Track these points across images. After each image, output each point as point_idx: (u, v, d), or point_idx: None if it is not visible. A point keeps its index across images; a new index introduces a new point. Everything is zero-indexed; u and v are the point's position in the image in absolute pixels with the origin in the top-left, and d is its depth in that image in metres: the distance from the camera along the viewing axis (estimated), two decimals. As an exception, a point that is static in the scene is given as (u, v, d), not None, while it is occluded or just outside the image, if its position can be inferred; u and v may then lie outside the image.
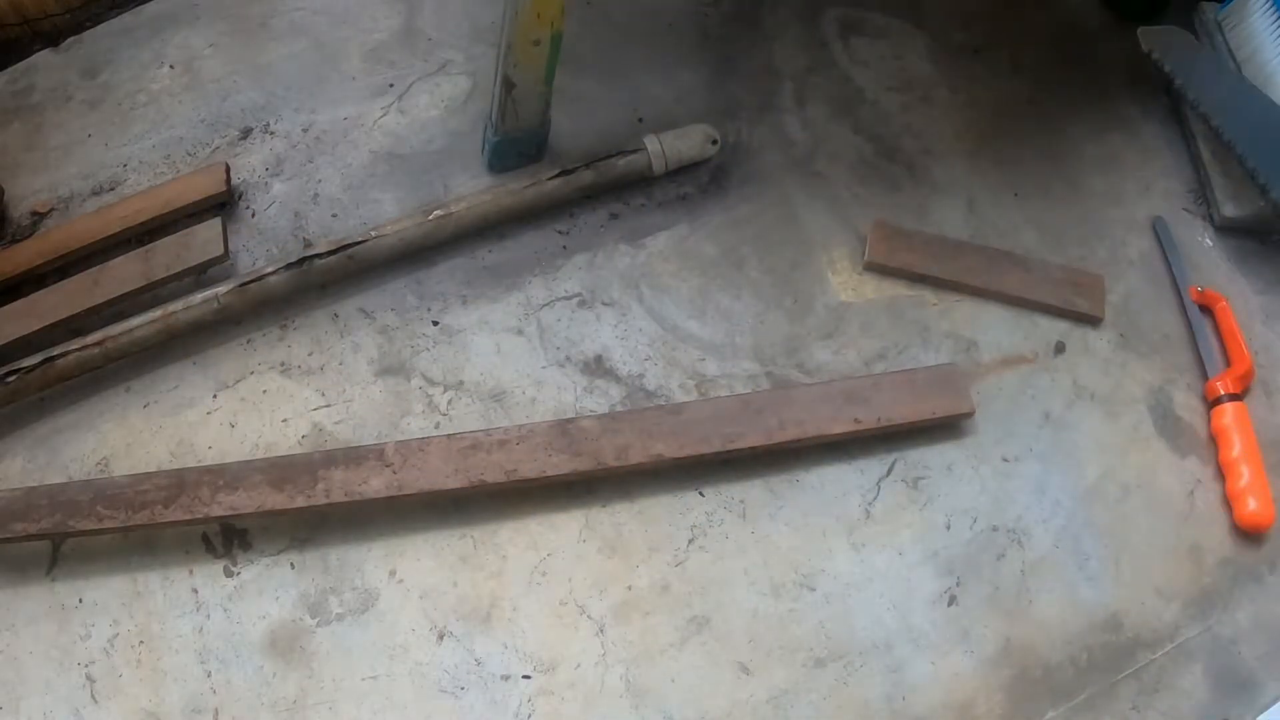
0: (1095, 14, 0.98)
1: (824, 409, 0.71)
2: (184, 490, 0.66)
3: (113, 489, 0.66)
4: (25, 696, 0.63)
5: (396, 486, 0.66)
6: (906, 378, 0.74)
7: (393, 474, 0.67)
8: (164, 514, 0.65)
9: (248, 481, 0.66)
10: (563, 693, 0.64)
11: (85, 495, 0.65)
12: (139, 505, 0.65)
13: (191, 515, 0.65)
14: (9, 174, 0.82)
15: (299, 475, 0.66)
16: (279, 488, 0.66)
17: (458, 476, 0.67)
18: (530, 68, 0.73)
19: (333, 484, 0.66)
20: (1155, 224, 0.85)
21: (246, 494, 0.66)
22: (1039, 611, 0.69)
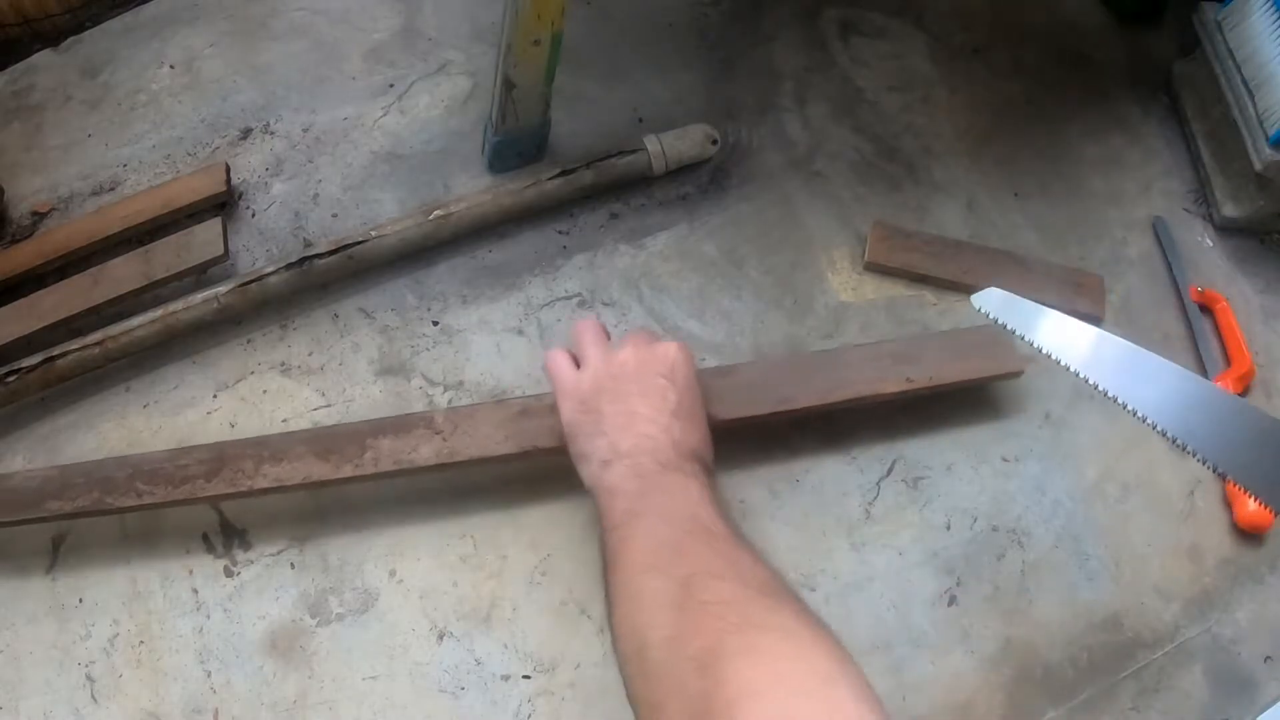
0: (1095, 14, 0.98)
1: (874, 369, 0.69)
2: (225, 464, 0.64)
3: (150, 464, 0.64)
4: (25, 696, 0.63)
5: (448, 454, 0.65)
6: (952, 338, 0.73)
7: (443, 441, 0.65)
8: (206, 488, 0.63)
9: (292, 453, 0.65)
10: (563, 693, 0.64)
11: (122, 472, 0.64)
12: (179, 480, 0.64)
13: (235, 488, 0.63)
14: (9, 174, 0.82)
15: (345, 445, 0.65)
16: (325, 458, 0.64)
17: (509, 442, 0.65)
18: (530, 68, 0.73)
19: (381, 453, 0.65)
20: (1155, 224, 0.85)
21: (291, 465, 0.64)
22: (1039, 611, 0.69)
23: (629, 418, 0.57)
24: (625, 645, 0.46)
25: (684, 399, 0.59)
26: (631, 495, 0.53)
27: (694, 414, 0.59)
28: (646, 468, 0.54)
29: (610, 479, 0.55)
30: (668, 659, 0.42)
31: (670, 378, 0.59)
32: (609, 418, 0.58)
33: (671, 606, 0.44)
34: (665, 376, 0.59)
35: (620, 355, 0.60)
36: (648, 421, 0.57)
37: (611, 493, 0.54)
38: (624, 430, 0.57)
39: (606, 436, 0.57)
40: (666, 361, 0.60)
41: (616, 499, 0.54)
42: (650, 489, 0.53)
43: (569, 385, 0.61)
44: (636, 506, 0.52)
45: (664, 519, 0.51)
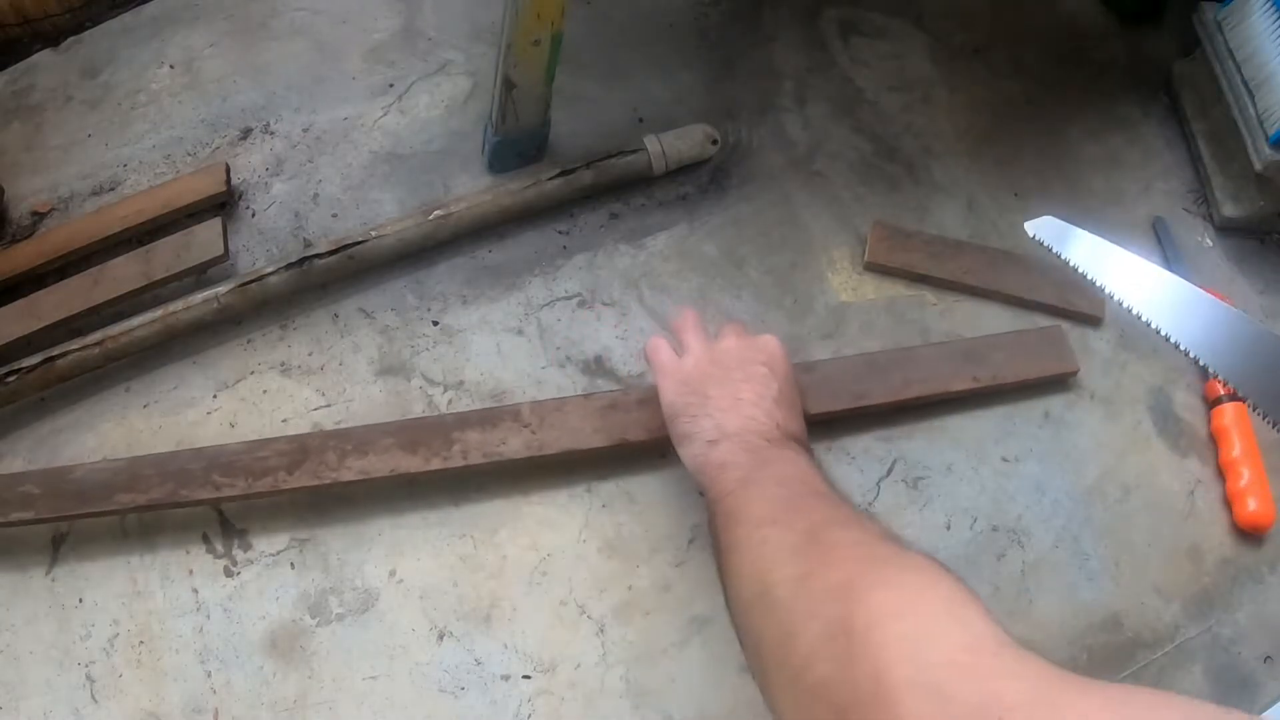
0: (1095, 14, 0.98)
1: (945, 367, 0.71)
2: (308, 455, 0.64)
3: (227, 456, 0.64)
4: (25, 696, 0.63)
5: (537, 446, 0.65)
6: (1018, 338, 0.75)
7: (531, 434, 0.65)
8: (289, 480, 0.63)
9: (377, 445, 0.64)
10: (563, 693, 0.64)
11: (197, 464, 0.63)
12: (260, 472, 0.63)
13: (319, 480, 0.63)
14: (9, 174, 0.82)
15: (432, 438, 0.65)
16: (412, 450, 0.64)
17: (599, 435, 0.66)
18: (530, 68, 0.73)
19: (469, 445, 0.65)
20: (1155, 224, 0.85)
21: (377, 458, 0.64)
22: (1039, 611, 0.69)
23: (734, 401, 0.59)
24: (746, 591, 0.48)
25: (785, 388, 0.61)
26: (744, 466, 0.55)
27: (794, 404, 0.61)
28: (755, 444, 0.56)
29: (719, 455, 0.57)
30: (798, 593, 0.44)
31: (771, 367, 0.61)
32: (714, 400, 0.59)
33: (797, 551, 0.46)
34: (766, 365, 0.61)
35: (723, 343, 0.63)
36: (752, 405, 0.59)
37: (722, 466, 0.56)
38: (730, 412, 0.58)
39: (712, 418, 0.59)
40: (767, 352, 0.62)
41: (727, 470, 0.55)
42: (761, 461, 0.55)
43: (672, 369, 0.63)
44: (750, 475, 0.54)
45: (779, 482, 0.53)
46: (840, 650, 0.39)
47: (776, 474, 0.54)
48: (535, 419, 0.66)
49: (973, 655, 0.36)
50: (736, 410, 0.59)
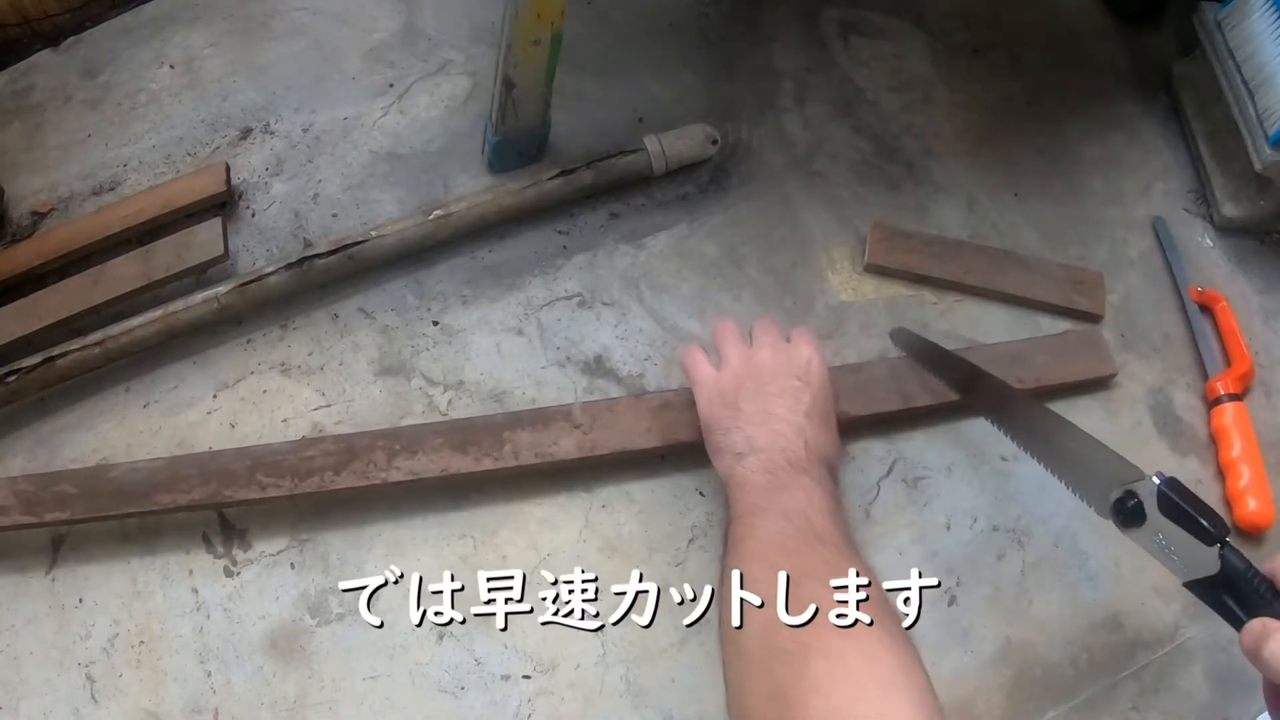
0: (1095, 14, 0.98)
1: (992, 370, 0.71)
2: (355, 456, 0.63)
3: (272, 456, 0.64)
4: (25, 696, 0.63)
5: (589, 447, 0.65)
6: (1060, 341, 0.76)
7: (583, 434, 0.65)
8: (335, 480, 0.62)
9: (427, 445, 0.64)
10: (563, 693, 0.64)
11: (241, 464, 0.63)
12: (305, 473, 0.63)
13: (368, 481, 0.63)
14: (9, 174, 0.82)
15: (482, 438, 0.65)
16: (463, 450, 0.64)
17: (652, 435, 0.66)
18: (530, 68, 0.73)
19: (520, 446, 0.64)
20: (1155, 224, 0.85)
21: (427, 458, 0.63)
22: (1039, 611, 0.69)
23: (765, 415, 0.60)
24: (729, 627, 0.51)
25: (817, 401, 0.61)
26: (759, 490, 0.57)
27: (826, 417, 0.62)
28: (778, 464, 0.58)
29: (742, 472, 0.58)
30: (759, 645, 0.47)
31: (805, 380, 0.62)
32: (745, 414, 0.60)
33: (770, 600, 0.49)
34: (800, 379, 0.62)
35: (759, 355, 0.63)
36: (782, 421, 0.60)
37: (741, 485, 0.58)
38: (760, 426, 0.60)
39: (743, 431, 0.60)
40: (802, 364, 0.63)
41: (745, 492, 0.57)
42: (777, 486, 0.57)
43: (708, 381, 0.64)
44: (761, 502, 0.56)
45: (783, 516, 0.54)
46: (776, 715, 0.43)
47: (784, 507, 0.55)
48: (587, 419, 0.66)
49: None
50: (767, 425, 0.60)
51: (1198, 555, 0.49)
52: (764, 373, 0.62)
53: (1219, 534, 0.48)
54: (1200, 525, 0.49)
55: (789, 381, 0.61)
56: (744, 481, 0.58)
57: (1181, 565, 0.50)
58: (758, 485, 0.57)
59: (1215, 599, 0.49)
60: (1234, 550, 0.48)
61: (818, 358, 0.64)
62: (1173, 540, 0.50)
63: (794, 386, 0.61)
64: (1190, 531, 0.49)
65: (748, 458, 0.59)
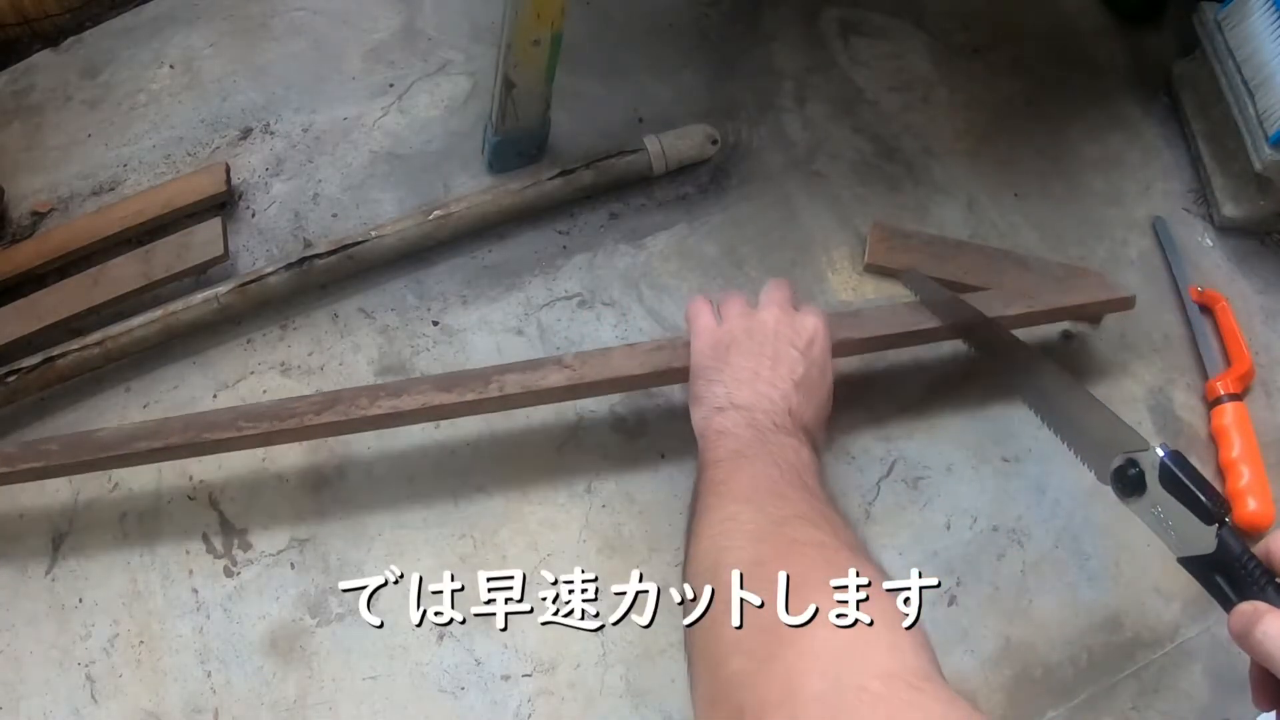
0: (1095, 14, 0.98)
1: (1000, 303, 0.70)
2: (339, 401, 0.64)
3: (255, 409, 0.65)
4: (25, 696, 0.63)
5: (578, 379, 0.65)
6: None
7: (572, 371, 0.65)
8: (315, 419, 0.63)
9: (412, 389, 0.65)
10: (563, 693, 0.64)
11: (225, 416, 0.64)
12: (285, 415, 0.63)
13: (347, 417, 0.63)
14: (9, 174, 0.82)
15: (470, 380, 0.65)
16: (447, 389, 0.64)
17: (643, 368, 0.65)
18: (530, 68, 0.73)
19: (507, 384, 0.65)
20: (1155, 224, 0.85)
21: (410, 397, 0.64)
22: (1039, 611, 0.69)
23: (753, 375, 0.58)
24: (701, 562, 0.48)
25: (811, 372, 0.60)
26: (743, 440, 0.54)
27: (816, 390, 0.60)
28: (761, 423, 0.56)
29: (723, 422, 0.56)
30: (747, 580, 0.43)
31: (804, 350, 0.60)
32: (733, 369, 0.59)
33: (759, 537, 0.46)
34: (799, 348, 0.60)
35: (761, 314, 0.62)
36: (769, 384, 0.58)
37: (721, 433, 0.56)
38: (744, 385, 0.58)
39: (725, 385, 0.58)
40: (805, 334, 0.61)
41: (725, 439, 0.55)
42: (762, 439, 0.55)
43: (705, 327, 0.63)
44: (746, 450, 0.54)
45: (772, 464, 0.52)
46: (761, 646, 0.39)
47: (771, 456, 0.53)
48: (577, 362, 0.66)
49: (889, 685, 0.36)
50: (751, 385, 0.58)
51: (1195, 532, 0.48)
52: (763, 331, 0.60)
53: (1219, 513, 0.47)
54: (1200, 502, 0.48)
55: (786, 348, 0.60)
56: (724, 431, 0.56)
57: (1177, 540, 0.49)
58: (740, 436, 0.55)
59: (1207, 578, 0.48)
60: (1231, 531, 0.47)
61: (823, 331, 0.62)
62: (1171, 514, 0.50)
63: (790, 354, 0.59)
64: (1190, 507, 0.48)
65: (727, 412, 0.57)
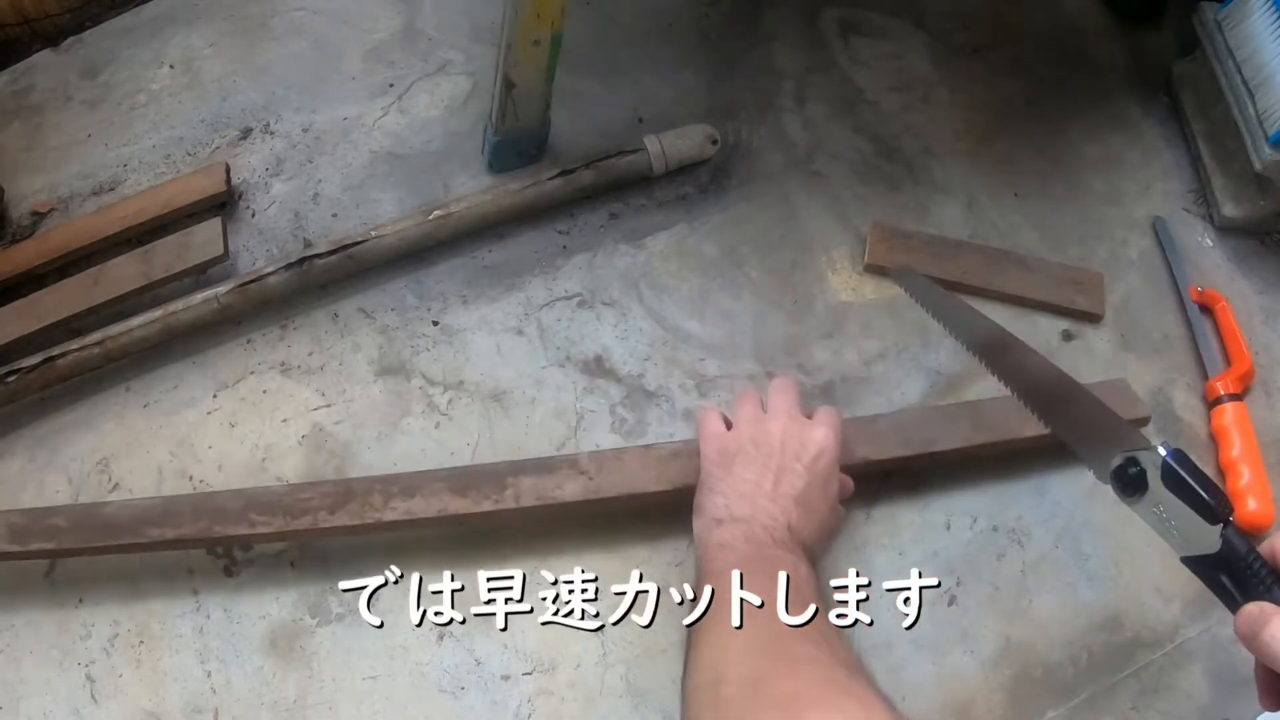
0: (1095, 14, 0.98)
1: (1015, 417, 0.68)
2: (352, 498, 0.63)
3: (267, 497, 0.63)
4: (25, 696, 0.63)
5: (594, 490, 0.64)
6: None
7: (589, 480, 0.64)
8: (329, 519, 0.62)
9: (426, 488, 0.64)
10: (563, 693, 0.64)
11: (235, 503, 0.63)
12: (298, 512, 0.62)
13: (361, 520, 0.62)
14: (9, 174, 0.82)
15: (484, 482, 0.64)
16: (462, 493, 0.63)
17: (660, 481, 0.64)
18: (530, 68, 0.73)
19: (522, 490, 0.64)
20: (1155, 224, 0.85)
21: (424, 500, 0.63)
22: (1039, 611, 0.69)
23: (754, 488, 0.59)
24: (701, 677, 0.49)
25: (812, 488, 0.60)
26: (742, 554, 0.55)
27: (817, 506, 0.60)
28: (759, 537, 0.56)
29: (723, 535, 0.57)
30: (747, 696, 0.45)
31: (809, 466, 0.60)
32: (735, 480, 0.60)
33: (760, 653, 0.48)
34: (804, 462, 0.60)
35: (771, 424, 0.62)
36: (769, 499, 0.58)
37: (721, 547, 0.56)
38: (744, 499, 0.58)
39: (725, 498, 0.59)
40: (811, 449, 0.61)
41: (725, 552, 0.56)
42: (761, 554, 0.55)
43: (713, 434, 0.63)
44: (745, 565, 0.54)
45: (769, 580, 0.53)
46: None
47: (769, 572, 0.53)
48: (593, 466, 0.65)
49: None
50: (752, 499, 0.58)
51: (1198, 532, 0.48)
52: (769, 442, 0.61)
53: (1223, 513, 0.47)
54: (1204, 502, 0.47)
55: (791, 461, 0.60)
56: (724, 544, 0.56)
57: (1180, 540, 0.49)
58: (739, 550, 0.55)
59: (1211, 577, 0.48)
60: (1236, 531, 0.47)
61: (831, 444, 0.61)
62: (1173, 514, 0.49)
63: (794, 469, 0.60)
64: (1193, 507, 0.48)
65: (725, 525, 0.58)
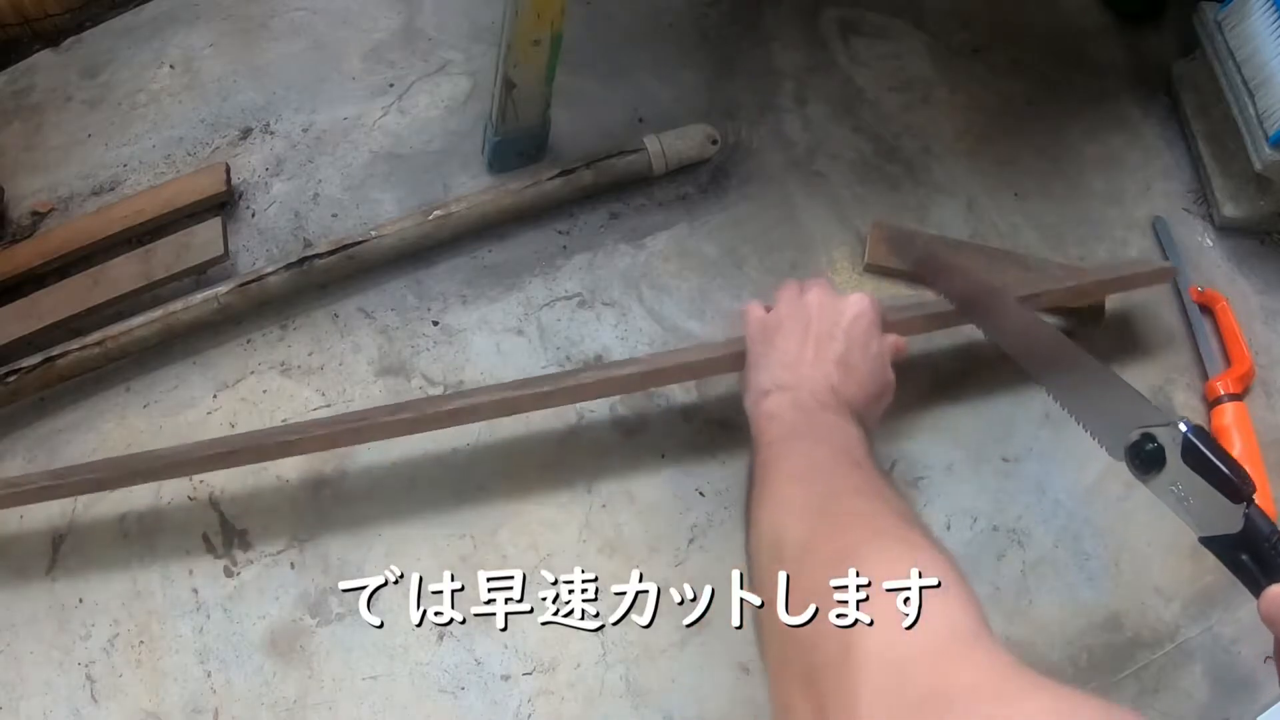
0: (1095, 14, 0.98)
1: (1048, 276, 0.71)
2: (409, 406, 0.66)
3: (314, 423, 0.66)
4: (25, 696, 0.63)
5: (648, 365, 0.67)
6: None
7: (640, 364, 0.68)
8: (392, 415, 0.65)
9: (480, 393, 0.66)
10: (563, 693, 0.64)
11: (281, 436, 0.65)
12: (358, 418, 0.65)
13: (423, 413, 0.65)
14: (9, 174, 0.82)
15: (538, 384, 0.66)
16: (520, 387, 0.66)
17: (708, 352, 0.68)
18: (530, 68, 0.73)
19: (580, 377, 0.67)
20: (1155, 224, 0.85)
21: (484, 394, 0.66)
22: (1039, 611, 0.69)
23: (796, 357, 0.61)
24: (762, 540, 0.50)
25: (852, 351, 0.61)
26: (789, 422, 0.57)
27: (857, 368, 0.61)
28: (806, 403, 0.58)
29: (770, 406, 0.58)
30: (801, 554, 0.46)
31: (847, 330, 0.62)
32: (778, 352, 0.61)
33: (813, 512, 0.48)
34: (841, 328, 0.62)
35: (807, 296, 0.64)
36: (811, 365, 0.60)
37: (770, 416, 0.58)
38: (787, 368, 0.60)
39: (770, 371, 0.61)
40: (847, 314, 0.62)
41: (774, 422, 0.57)
42: (809, 420, 0.57)
43: (754, 319, 0.65)
44: (794, 431, 0.56)
45: (818, 442, 0.55)
46: None
47: (818, 434, 0.55)
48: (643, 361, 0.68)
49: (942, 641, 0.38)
50: (795, 368, 0.60)
51: (1219, 511, 0.46)
52: (805, 314, 0.62)
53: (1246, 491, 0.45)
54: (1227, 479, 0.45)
55: (828, 328, 0.61)
56: (772, 415, 0.57)
57: (1198, 520, 0.47)
58: (787, 419, 0.57)
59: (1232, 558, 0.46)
60: (1259, 511, 0.45)
61: (868, 309, 0.63)
62: (1192, 492, 0.47)
63: (831, 333, 0.61)
64: (1215, 485, 0.46)
65: (773, 395, 0.59)
